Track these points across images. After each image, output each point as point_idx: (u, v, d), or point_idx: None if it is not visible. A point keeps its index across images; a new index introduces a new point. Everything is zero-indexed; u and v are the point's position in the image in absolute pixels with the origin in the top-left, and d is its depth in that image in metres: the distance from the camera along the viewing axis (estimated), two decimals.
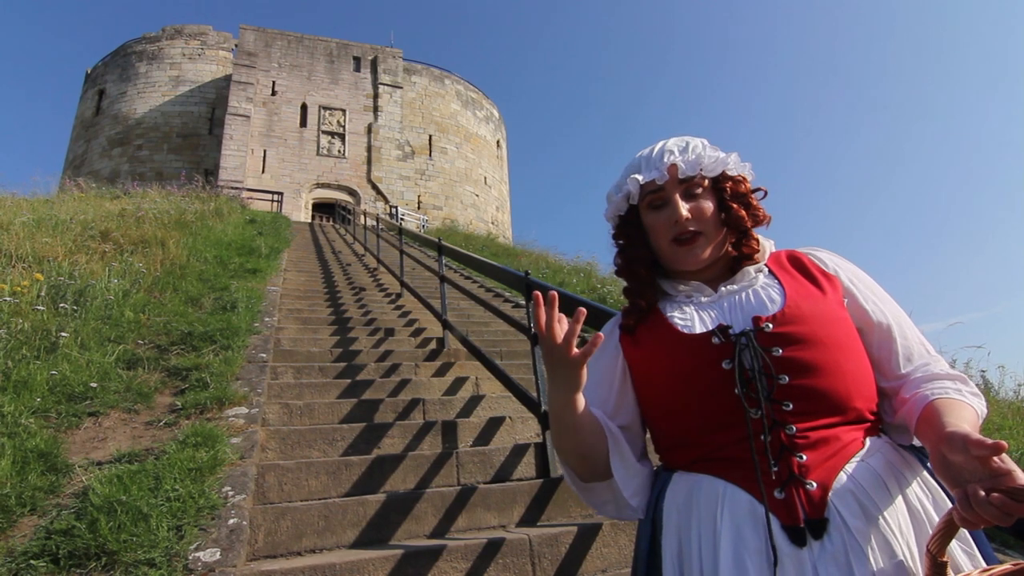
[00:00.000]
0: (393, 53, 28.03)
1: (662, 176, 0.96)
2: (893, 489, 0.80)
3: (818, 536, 0.77)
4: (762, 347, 0.86)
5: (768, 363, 0.85)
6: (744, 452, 0.83)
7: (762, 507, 0.80)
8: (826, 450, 0.81)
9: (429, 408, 3.59)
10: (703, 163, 0.96)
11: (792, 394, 0.83)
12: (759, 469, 0.82)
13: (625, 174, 1.02)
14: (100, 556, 1.80)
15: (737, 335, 0.88)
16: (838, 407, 0.84)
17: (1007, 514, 0.64)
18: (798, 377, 0.84)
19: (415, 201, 26.10)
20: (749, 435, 0.83)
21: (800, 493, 0.79)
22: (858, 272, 0.97)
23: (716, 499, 0.84)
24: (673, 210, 0.95)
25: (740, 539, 0.80)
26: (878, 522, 0.77)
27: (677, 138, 1.00)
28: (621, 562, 2.24)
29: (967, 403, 0.81)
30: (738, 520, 0.81)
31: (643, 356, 0.97)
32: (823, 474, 0.80)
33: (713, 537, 0.82)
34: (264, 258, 7.90)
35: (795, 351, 0.85)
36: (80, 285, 4.59)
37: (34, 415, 2.75)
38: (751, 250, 0.97)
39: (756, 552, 0.78)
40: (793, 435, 0.82)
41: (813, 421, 0.83)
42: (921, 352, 0.90)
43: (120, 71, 26.59)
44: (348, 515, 2.28)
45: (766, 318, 0.88)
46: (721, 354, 0.87)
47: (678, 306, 0.97)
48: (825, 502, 0.78)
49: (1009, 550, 2.27)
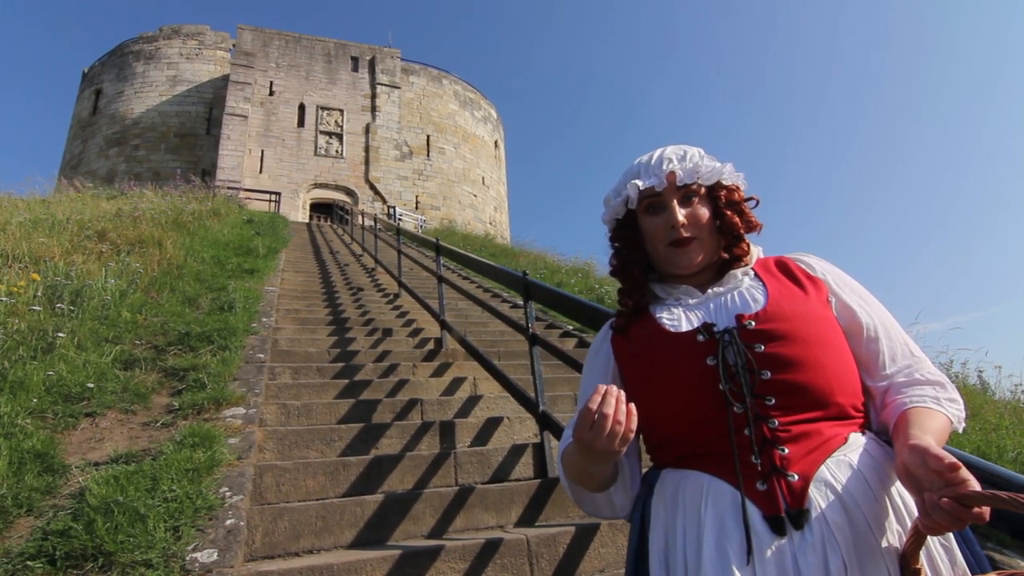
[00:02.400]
0: (391, 53, 28.02)
1: (661, 183, 0.99)
2: (874, 484, 0.82)
3: (799, 526, 0.79)
4: (745, 343, 0.89)
5: (751, 359, 0.88)
6: (727, 446, 0.86)
7: (745, 498, 0.83)
8: (808, 444, 0.84)
9: (427, 408, 3.58)
10: (700, 172, 0.99)
11: (774, 389, 0.86)
12: (739, 461, 0.84)
13: (624, 180, 1.05)
14: (97, 557, 1.79)
15: (721, 332, 0.91)
16: (819, 402, 0.86)
17: (957, 519, 0.67)
18: (780, 372, 0.87)
19: (413, 201, 26.09)
20: (730, 429, 0.86)
21: (782, 484, 0.82)
22: (844, 276, 1.01)
23: (700, 492, 0.87)
24: (670, 215, 0.99)
25: (723, 530, 0.82)
26: (855, 515, 0.79)
27: (675, 146, 1.03)
28: (619, 562, 2.24)
29: (941, 412, 0.85)
30: (721, 511, 0.84)
31: (632, 354, 1.01)
32: (804, 467, 0.83)
33: (697, 528, 0.84)
34: (262, 258, 7.89)
35: (777, 347, 0.88)
36: (77, 285, 4.58)
37: (31, 416, 2.74)
38: (741, 252, 1.01)
39: (738, 541, 0.81)
40: (775, 429, 0.85)
41: (795, 415, 0.85)
42: (905, 353, 0.93)
43: (117, 71, 26.54)
44: (346, 515, 2.27)
45: (749, 316, 0.91)
46: (705, 351, 0.91)
47: (667, 308, 1.01)
48: (806, 493, 0.81)
49: (1007, 550, 2.28)
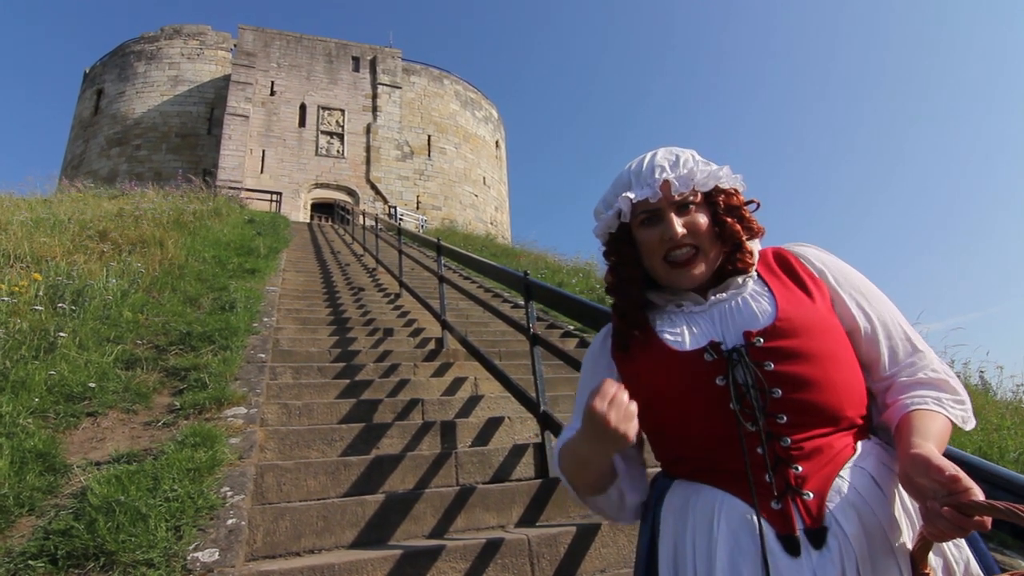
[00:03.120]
0: (392, 53, 28.02)
1: (655, 194, 0.93)
2: (886, 488, 0.82)
3: (818, 546, 0.77)
4: (754, 362, 0.86)
5: (760, 378, 0.85)
6: (740, 464, 0.84)
7: (760, 518, 0.81)
8: (820, 459, 0.82)
9: (428, 408, 3.58)
10: (695, 178, 0.93)
11: (786, 407, 0.84)
12: (754, 481, 0.82)
13: (614, 191, 0.98)
14: (98, 556, 1.79)
15: (729, 351, 0.87)
16: (831, 417, 0.85)
17: (959, 528, 0.67)
18: (791, 390, 0.84)
19: (414, 201, 26.09)
20: (743, 449, 0.84)
21: (798, 503, 0.80)
22: (844, 269, 0.97)
23: (713, 506, 0.85)
24: (667, 227, 0.93)
25: (737, 545, 0.81)
26: (869, 522, 0.78)
27: (666, 150, 0.96)
28: (620, 562, 2.24)
29: (942, 414, 0.83)
30: (735, 527, 0.82)
31: (636, 373, 0.95)
32: (819, 483, 0.81)
33: (708, 543, 0.83)
34: (263, 258, 7.89)
35: (787, 365, 0.85)
36: (78, 285, 4.59)
37: (32, 415, 2.74)
38: (745, 264, 0.95)
39: (752, 558, 0.79)
40: (788, 447, 0.83)
41: (807, 432, 0.84)
42: (907, 349, 0.91)
43: (119, 71, 26.56)
44: (347, 515, 2.28)
45: (757, 332, 0.88)
46: (714, 371, 0.87)
47: (667, 318, 0.96)
48: (823, 511, 0.79)
49: (1008, 550, 2.28)
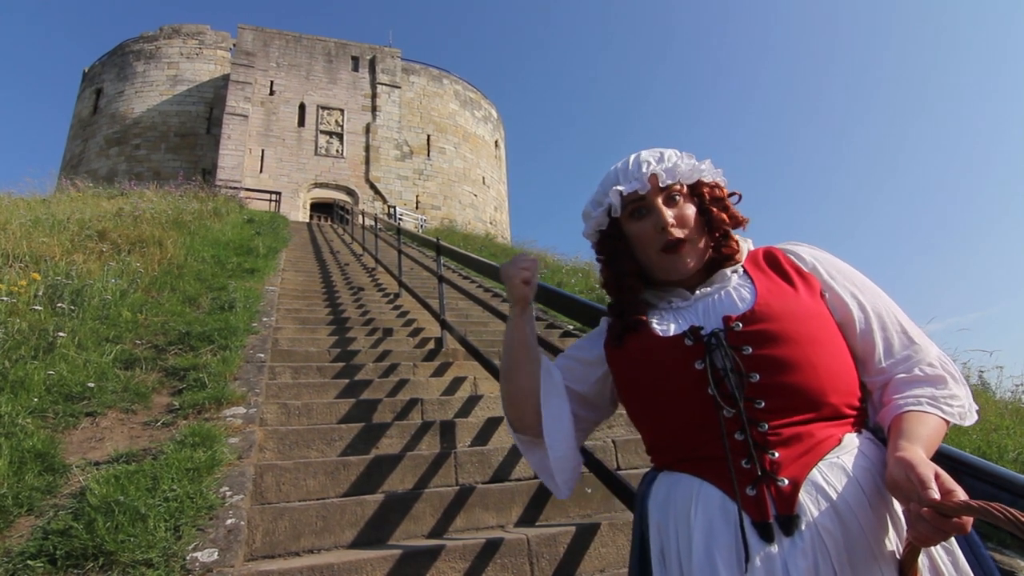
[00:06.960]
0: (391, 53, 28.00)
1: (644, 186, 0.97)
2: (868, 488, 0.79)
3: (789, 532, 0.77)
4: (732, 346, 0.87)
5: (738, 362, 0.86)
6: (719, 450, 0.85)
7: (734, 504, 0.81)
8: (799, 447, 0.82)
9: (427, 408, 3.58)
10: (680, 171, 0.98)
11: (764, 392, 0.84)
12: (732, 466, 0.83)
13: (603, 189, 1.02)
14: (97, 556, 1.79)
15: (708, 335, 0.89)
16: (812, 403, 0.84)
17: (940, 530, 0.66)
18: (769, 375, 0.85)
19: (413, 201, 26.09)
20: (722, 433, 0.84)
21: (771, 489, 0.80)
22: (837, 264, 0.97)
23: (691, 496, 0.86)
24: (658, 217, 0.96)
25: (711, 534, 0.81)
26: (848, 520, 0.77)
27: (649, 150, 1.01)
28: (619, 562, 2.24)
29: (935, 414, 0.82)
30: (710, 515, 0.83)
31: (623, 359, 1.00)
32: (795, 471, 0.80)
33: (688, 532, 0.83)
34: (262, 258, 7.89)
35: (765, 349, 0.86)
36: (77, 285, 4.58)
37: (31, 415, 2.74)
38: (731, 251, 0.98)
39: (726, 547, 0.80)
40: (765, 432, 0.83)
41: (786, 418, 0.83)
42: (903, 342, 0.90)
43: (118, 70, 26.52)
44: (346, 515, 2.27)
45: (736, 317, 0.89)
46: (693, 355, 0.89)
47: (657, 312, 0.99)
48: (796, 498, 0.79)
49: (1007, 550, 2.28)
